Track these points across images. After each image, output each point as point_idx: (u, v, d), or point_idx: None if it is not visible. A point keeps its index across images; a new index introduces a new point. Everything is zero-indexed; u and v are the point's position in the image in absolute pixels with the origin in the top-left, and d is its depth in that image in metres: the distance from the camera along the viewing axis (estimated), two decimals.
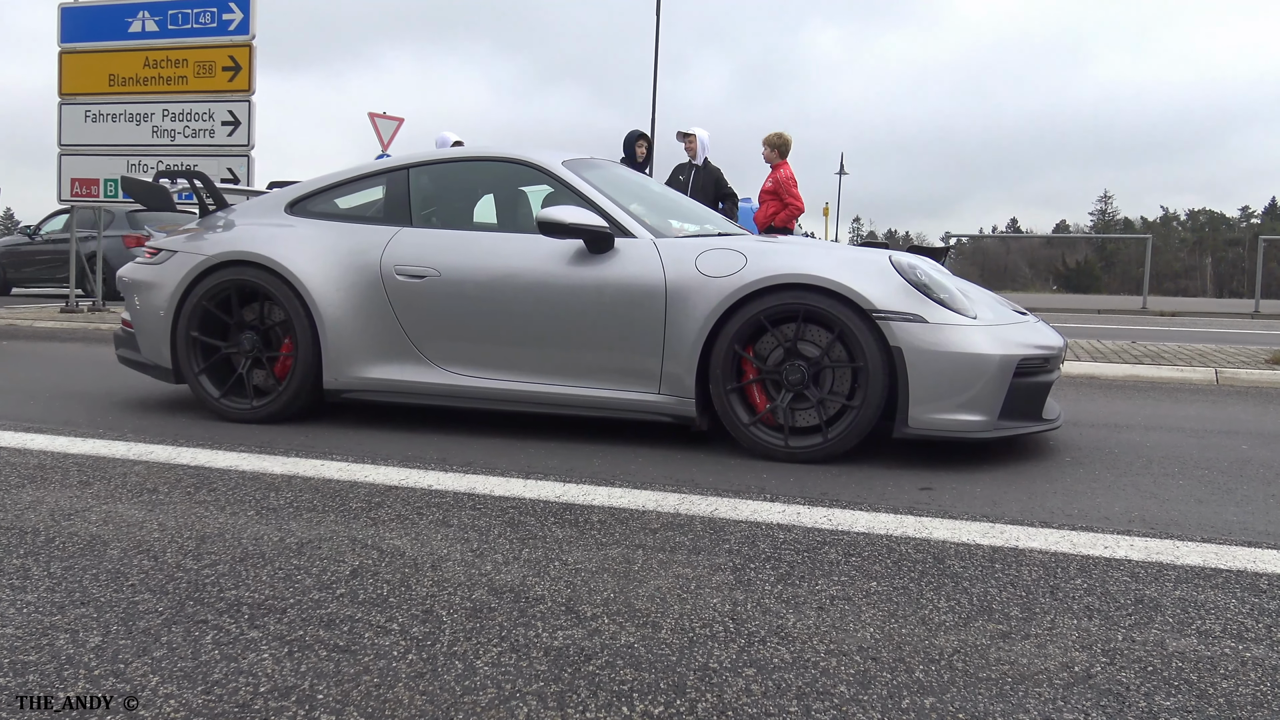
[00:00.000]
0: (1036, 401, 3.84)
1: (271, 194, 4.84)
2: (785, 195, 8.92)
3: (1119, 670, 1.84)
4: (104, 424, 4.24)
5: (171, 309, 4.47)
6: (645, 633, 1.98)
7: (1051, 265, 71.93)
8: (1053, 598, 2.23)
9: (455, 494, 3.11)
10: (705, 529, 2.75)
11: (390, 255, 4.25)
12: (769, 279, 3.68)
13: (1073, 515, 2.97)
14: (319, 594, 2.17)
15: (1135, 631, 2.03)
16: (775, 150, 8.92)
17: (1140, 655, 1.91)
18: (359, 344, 4.25)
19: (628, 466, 3.58)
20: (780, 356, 3.75)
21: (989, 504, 3.10)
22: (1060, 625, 2.06)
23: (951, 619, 2.09)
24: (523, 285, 4.04)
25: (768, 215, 8.92)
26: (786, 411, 3.73)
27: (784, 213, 8.92)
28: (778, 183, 8.93)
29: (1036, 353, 3.77)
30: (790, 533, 2.73)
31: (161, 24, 10.07)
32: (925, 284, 3.68)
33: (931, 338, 3.55)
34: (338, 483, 3.24)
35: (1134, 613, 2.14)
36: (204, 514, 2.82)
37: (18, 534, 2.59)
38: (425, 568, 2.37)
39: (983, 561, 2.49)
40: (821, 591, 2.25)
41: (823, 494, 3.19)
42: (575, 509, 2.95)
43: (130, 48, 10.21)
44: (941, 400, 3.55)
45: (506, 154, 4.50)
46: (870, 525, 2.81)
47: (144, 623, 1.99)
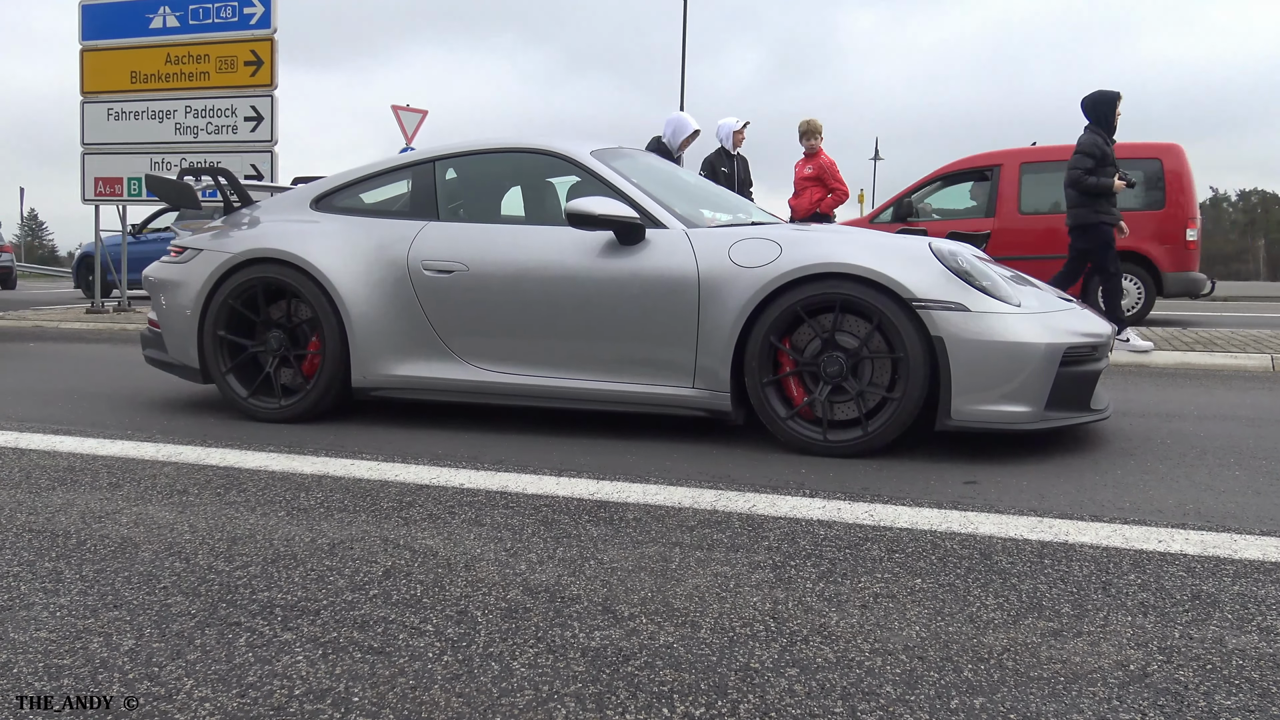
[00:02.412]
0: (1084, 391, 3.80)
1: (296, 190, 4.88)
2: (831, 181, 9.02)
3: (1176, 669, 1.82)
4: (132, 425, 4.30)
5: (198, 308, 4.51)
6: (684, 633, 1.98)
7: None
8: (1105, 594, 2.21)
9: (487, 492, 3.12)
10: (743, 526, 2.75)
11: (417, 250, 4.28)
12: (805, 268, 3.66)
13: (1124, 508, 2.94)
14: (352, 595, 2.19)
15: (1193, 628, 2.01)
16: (819, 136, 8.98)
17: (1198, 653, 1.89)
18: (387, 341, 4.28)
19: (662, 462, 3.58)
20: (818, 348, 3.74)
21: (1036, 497, 3.07)
22: (1114, 622, 2.04)
23: (1000, 616, 2.07)
24: (552, 278, 4.05)
25: (812, 201, 8.96)
26: (825, 404, 3.71)
27: (831, 198, 9.03)
28: (822, 169, 9.00)
29: (1084, 340, 3.72)
30: (831, 529, 2.72)
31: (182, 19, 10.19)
32: (967, 271, 3.65)
33: (974, 326, 3.52)
34: (368, 482, 3.26)
35: (1191, 609, 2.11)
36: (234, 515, 2.85)
37: (49, 537, 2.63)
38: (459, 568, 2.38)
39: (1031, 557, 2.47)
40: (865, 589, 2.24)
41: (863, 489, 3.18)
42: (610, 506, 2.96)
43: (151, 44, 10.35)
44: (985, 391, 3.52)
45: (533, 144, 4.51)
46: (913, 520, 2.80)
47: (177, 625, 2.02)
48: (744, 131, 9.01)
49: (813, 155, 9.02)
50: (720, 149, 8.95)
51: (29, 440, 3.94)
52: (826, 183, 9.01)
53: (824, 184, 9.01)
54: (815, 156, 9.02)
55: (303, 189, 4.82)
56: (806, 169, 9.05)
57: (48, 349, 7.90)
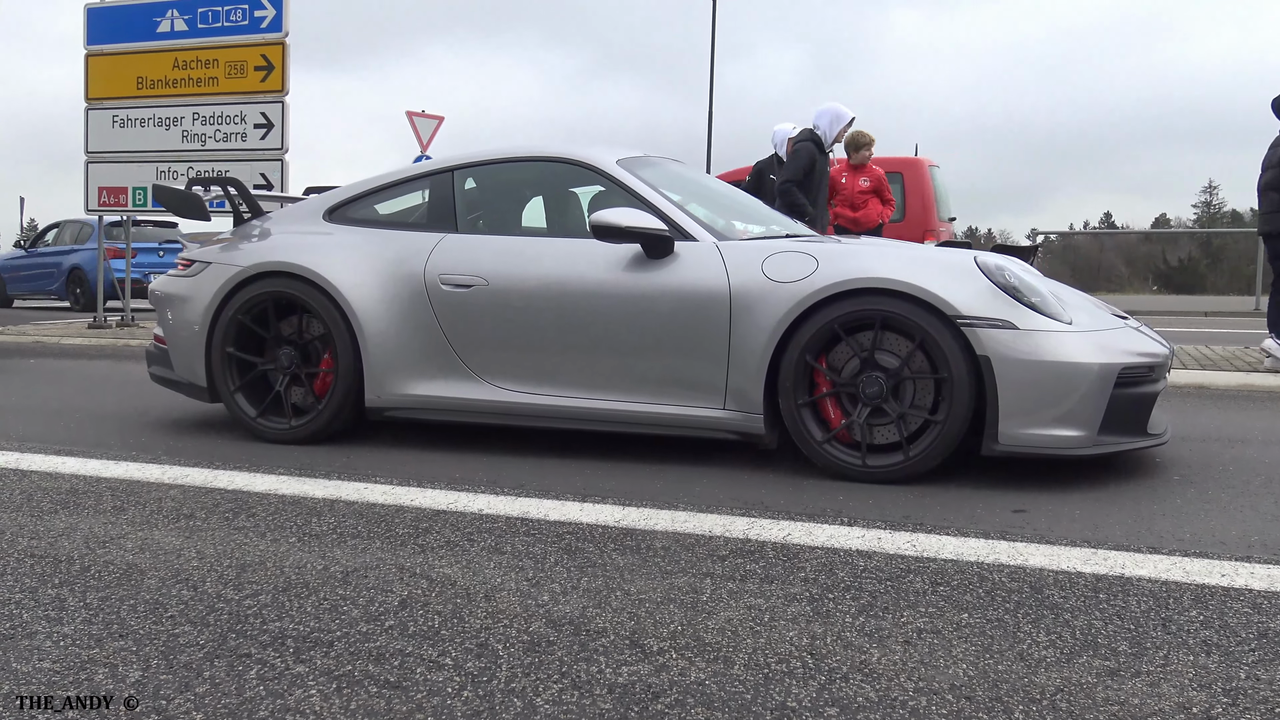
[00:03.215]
0: (1140, 414, 3.77)
1: (308, 200, 4.93)
2: (887, 193, 9.04)
3: (1242, 711, 1.80)
4: (137, 446, 4.34)
5: (206, 324, 4.56)
6: (717, 668, 1.98)
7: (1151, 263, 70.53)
8: (1165, 631, 2.19)
9: (507, 518, 3.14)
10: (778, 556, 2.74)
11: (435, 263, 4.31)
12: (843, 283, 3.66)
13: (1184, 540, 2.91)
14: (367, 626, 2.20)
15: (1259, 669, 1.99)
16: (870, 148, 8.96)
17: (1266, 695, 1.87)
18: (402, 359, 4.31)
19: (692, 488, 3.58)
20: (856, 367, 3.73)
21: (1090, 528, 3.05)
22: (1175, 662, 2.02)
23: (1053, 654, 2.06)
24: (576, 294, 4.07)
25: (878, 214, 8.94)
26: (863, 427, 3.70)
27: (887, 210, 9.03)
28: (879, 181, 9.00)
29: (1140, 360, 3.70)
30: (871, 560, 2.71)
31: (191, 23, 10.32)
32: (1014, 286, 3.64)
33: (1023, 345, 3.51)
34: (383, 507, 3.28)
35: (1257, 648, 2.09)
36: (244, 541, 2.88)
37: (52, 563, 2.66)
38: (478, 598, 2.39)
39: (1085, 591, 2.45)
40: (907, 624, 2.23)
41: (905, 517, 3.17)
42: (636, 534, 2.96)
43: (159, 48, 10.47)
44: (1035, 414, 3.51)
45: (556, 153, 4.53)
46: (959, 551, 2.78)
47: (185, 656, 2.03)
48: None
49: (862, 167, 8.96)
50: (774, 155, 8.95)
51: (30, 461, 3.99)
52: (882, 194, 9.00)
53: (880, 196, 8.99)
54: (866, 168, 8.97)
55: (315, 199, 4.87)
56: (862, 181, 8.98)
57: (49, 366, 8.00)
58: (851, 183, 9.00)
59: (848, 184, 9.00)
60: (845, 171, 9.05)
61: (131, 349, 9.20)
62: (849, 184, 9.00)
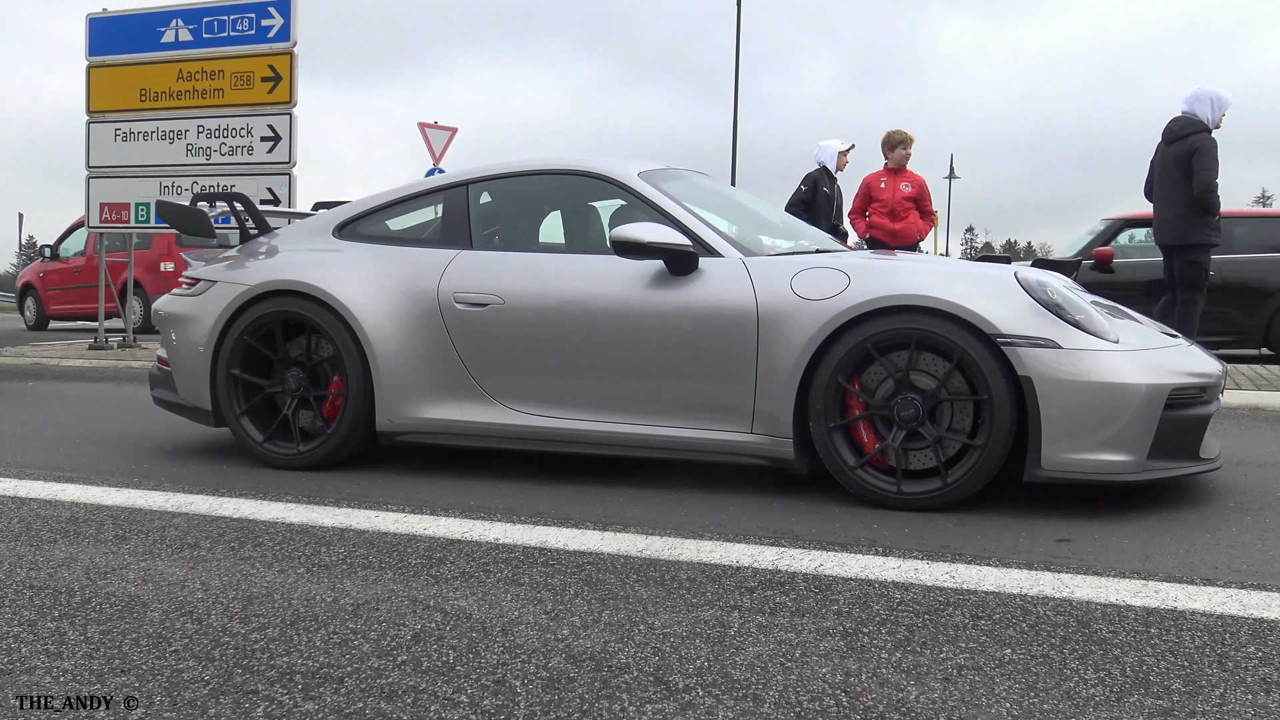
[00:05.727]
0: (1192, 438, 3.75)
1: (317, 216, 4.97)
2: (928, 204, 8.79)
3: None
4: (139, 472, 4.38)
5: (211, 345, 4.60)
6: (745, 706, 1.97)
7: None
8: (1221, 668, 2.17)
9: (525, 548, 3.14)
10: (809, 588, 2.74)
11: (449, 281, 4.33)
12: (876, 301, 3.66)
13: (1240, 571, 2.89)
14: (378, 661, 2.21)
15: None
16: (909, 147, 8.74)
17: None
18: (415, 381, 4.33)
19: (718, 516, 3.57)
20: (890, 389, 3.72)
21: (1140, 558, 3.03)
22: (1231, 700, 2.00)
23: (1101, 693, 2.04)
24: (596, 312, 4.08)
25: (917, 230, 8.69)
26: (899, 452, 3.69)
27: (926, 224, 8.78)
28: (922, 189, 8.76)
29: (1191, 381, 3.68)
30: (908, 592, 2.70)
31: (196, 33, 10.43)
32: (1058, 303, 3.62)
33: (1067, 365, 3.49)
34: (394, 536, 3.30)
35: None
36: (250, 571, 2.89)
37: (52, 594, 2.68)
38: (495, 632, 2.39)
39: (1135, 625, 2.43)
40: (947, 660, 2.22)
41: (943, 547, 3.15)
42: (660, 565, 2.96)
43: (163, 59, 10.59)
44: (1080, 437, 3.49)
45: (576, 166, 4.56)
46: (1000, 583, 2.77)
47: (189, 693, 2.04)
48: (848, 155, 8.98)
49: (900, 170, 8.70)
50: (823, 168, 8.89)
51: (29, 488, 4.03)
52: (923, 205, 8.72)
53: (920, 206, 8.71)
54: (907, 172, 8.71)
55: (324, 215, 4.91)
56: (903, 186, 8.67)
57: (48, 388, 8.08)
58: (892, 187, 8.69)
59: (887, 189, 8.69)
60: (884, 176, 8.75)
61: (134, 370, 9.28)
62: (889, 189, 8.68)
